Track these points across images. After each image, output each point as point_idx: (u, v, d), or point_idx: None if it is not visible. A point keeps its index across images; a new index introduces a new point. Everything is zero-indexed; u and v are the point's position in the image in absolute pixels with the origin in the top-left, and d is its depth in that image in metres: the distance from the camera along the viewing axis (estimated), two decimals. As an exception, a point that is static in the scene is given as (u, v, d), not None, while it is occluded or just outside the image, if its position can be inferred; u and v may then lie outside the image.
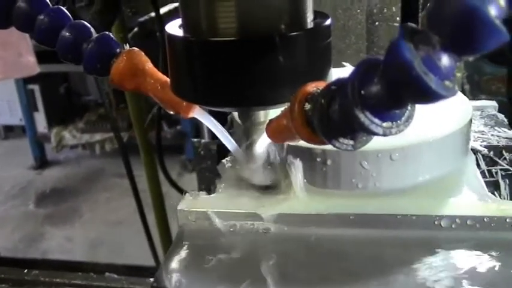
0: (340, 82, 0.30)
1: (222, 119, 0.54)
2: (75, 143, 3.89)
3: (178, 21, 0.44)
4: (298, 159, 0.49)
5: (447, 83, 0.26)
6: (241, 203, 0.48)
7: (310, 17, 0.41)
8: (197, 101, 0.43)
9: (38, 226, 3.20)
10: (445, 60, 0.26)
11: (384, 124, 0.28)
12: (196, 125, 3.78)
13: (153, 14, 2.46)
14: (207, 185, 0.82)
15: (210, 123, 0.47)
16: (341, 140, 0.31)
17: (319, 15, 0.43)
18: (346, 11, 0.89)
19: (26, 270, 1.06)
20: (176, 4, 2.75)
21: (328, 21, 0.42)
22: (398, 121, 0.29)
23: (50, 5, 0.50)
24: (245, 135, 0.46)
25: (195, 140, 0.83)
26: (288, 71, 0.40)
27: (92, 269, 1.16)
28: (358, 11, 0.92)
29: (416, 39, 0.26)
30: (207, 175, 0.83)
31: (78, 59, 0.48)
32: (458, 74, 0.28)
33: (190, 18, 0.41)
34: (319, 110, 0.31)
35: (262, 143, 0.45)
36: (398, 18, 0.92)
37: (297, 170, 0.48)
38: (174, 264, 0.44)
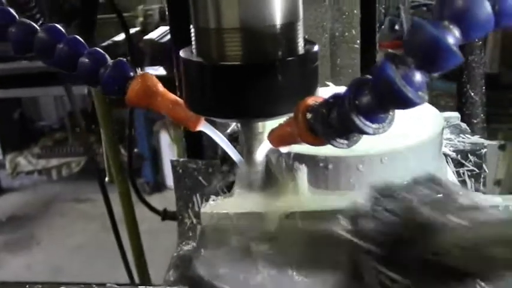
0: (336, 96, 0.39)
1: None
2: (31, 169, 3.85)
3: (189, 48, 0.52)
4: (303, 164, 0.59)
5: (420, 93, 0.36)
6: (255, 204, 0.57)
7: (301, 44, 0.50)
8: (208, 114, 0.51)
9: (-5, 255, 3.14)
10: (418, 76, 0.35)
11: (374, 125, 0.37)
12: (154, 149, 3.82)
13: (115, 39, 2.52)
14: (185, 202, 0.89)
15: (215, 135, 0.55)
16: (338, 140, 0.40)
17: (307, 42, 0.52)
18: (312, 34, 0.99)
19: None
20: (137, 28, 2.81)
21: (316, 48, 0.51)
22: (384, 123, 0.38)
23: (66, 35, 0.57)
24: (246, 145, 0.54)
25: (174, 159, 0.90)
26: (284, 89, 0.49)
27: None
28: (323, 34, 1.02)
29: (396, 61, 0.35)
30: (185, 192, 0.89)
31: (96, 82, 0.55)
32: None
33: (203, 46, 0.50)
34: (320, 118, 0.40)
35: (261, 151, 0.54)
36: (358, 41, 1.03)
37: (302, 173, 0.58)
38: (204, 254, 0.53)
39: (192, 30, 0.51)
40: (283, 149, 0.53)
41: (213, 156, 0.91)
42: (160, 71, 2.50)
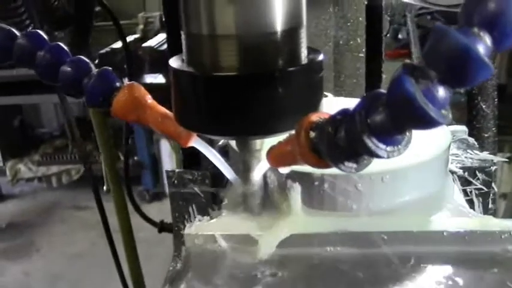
0: (344, 112, 0.34)
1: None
2: (31, 176, 3.81)
3: (180, 56, 0.47)
4: (297, 183, 0.53)
5: (443, 111, 0.31)
6: (244, 226, 0.51)
7: (304, 52, 0.45)
8: (200, 130, 0.46)
9: (-6, 262, 3.11)
10: (441, 92, 0.30)
11: (388, 148, 0.32)
12: (153, 156, 3.77)
13: (113, 46, 2.49)
14: (181, 213, 0.84)
15: (207, 151, 0.50)
16: (346, 163, 0.34)
17: (311, 51, 0.47)
18: (315, 42, 0.94)
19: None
20: (137, 36, 2.79)
21: (320, 57, 0.46)
22: (399, 145, 0.33)
23: (48, 42, 0.52)
24: (242, 163, 0.49)
25: (169, 170, 0.86)
26: (285, 103, 0.43)
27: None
28: (327, 42, 0.98)
29: (416, 74, 0.30)
30: (181, 203, 0.85)
31: (80, 93, 0.50)
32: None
33: (194, 54, 0.44)
34: (326, 138, 0.34)
35: (259, 170, 0.49)
36: (363, 49, 0.98)
37: (296, 193, 0.52)
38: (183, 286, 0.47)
39: (183, 36, 0.45)
40: (283, 170, 0.47)
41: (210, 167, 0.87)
42: (160, 78, 2.46)
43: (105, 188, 2.72)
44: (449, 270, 0.49)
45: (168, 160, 3.68)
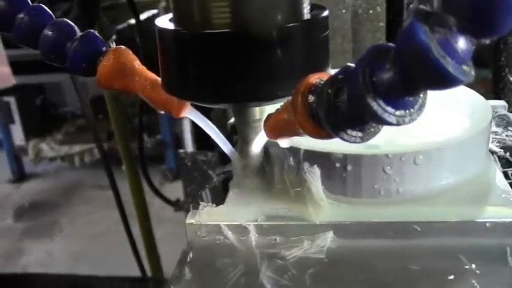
0: (347, 71, 0.29)
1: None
2: (53, 155, 3.83)
3: (169, 16, 0.42)
4: (315, 165, 0.46)
5: (464, 67, 0.25)
6: (252, 214, 0.45)
7: (307, 8, 0.39)
8: (190, 97, 0.41)
9: (17, 241, 3.14)
10: (462, 43, 0.25)
11: (397, 113, 0.27)
12: (177, 135, 3.75)
13: (131, 22, 2.44)
14: (194, 196, 0.81)
15: (202, 122, 0.45)
16: (349, 132, 0.29)
17: (316, 7, 0.41)
18: (332, 11, 0.88)
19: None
20: (154, 11, 2.75)
21: (325, 13, 0.40)
22: (411, 109, 0.27)
23: (30, 3, 0.47)
24: (240, 134, 0.44)
25: (181, 150, 0.82)
26: (286, 64, 0.38)
27: (74, 282, 1.12)
28: (343, 11, 0.91)
29: (431, 21, 0.25)
30: (194, 186, 0.81)
31: (62, 59, 0.46)
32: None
33: (182, 10, 0.39)
34: (325, 101, 0.29)
35: (259, 143, 0.43)
36: (383, 19, 0.92)
37: (316, 177, 0.45)
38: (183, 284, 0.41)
39: None
40: (283, 143, 0.41)
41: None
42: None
43: (123, 167, 2.70)
44: (492, 265, 0.42)
45: (191, 139, 3.65)
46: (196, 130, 0.93)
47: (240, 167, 0.45)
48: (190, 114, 0.44)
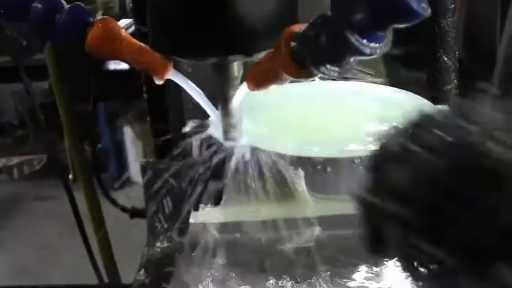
0: (324, 16, 0.35)
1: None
2: (-9, 167, 3.71)
3: None
4: (299, 168, 0.53)
5: (423, 4, 0.31)
6: (245, 213, 0.52)
7: None
8: (174, 52, 0.45)
9: (-43, 257, 3.01)
10: (422, -16, 0.31)
11: (371, 45, 0.33)
12: (118, 142, 3.71)
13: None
14: (155, 204, 0.83)
15: (184, 83, 0.49)
16: (328, 66, 0.35)
17: None
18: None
19: None
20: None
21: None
22: (381, 43, 0.33)
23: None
24: (220, 96, 0.48)
25: (144, 159, 0.85)
26: (264, 20, 0.42)
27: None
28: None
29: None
30: (155, 194, 0.83)
31: (51, 32, 0.49)
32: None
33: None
34: (308, 42, 0.35)
35: (238, 97, 0.48)
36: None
37: (300, 178, 0.52)
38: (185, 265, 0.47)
39: None
40: (262, 91, 0.45)
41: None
42: (123, 65, 2.39)
43: (70, 176, 2.65)
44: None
45: (132, 147, 3.63)
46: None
47: (224, 126, 0.50)
48: (173, 76, 0.49)
